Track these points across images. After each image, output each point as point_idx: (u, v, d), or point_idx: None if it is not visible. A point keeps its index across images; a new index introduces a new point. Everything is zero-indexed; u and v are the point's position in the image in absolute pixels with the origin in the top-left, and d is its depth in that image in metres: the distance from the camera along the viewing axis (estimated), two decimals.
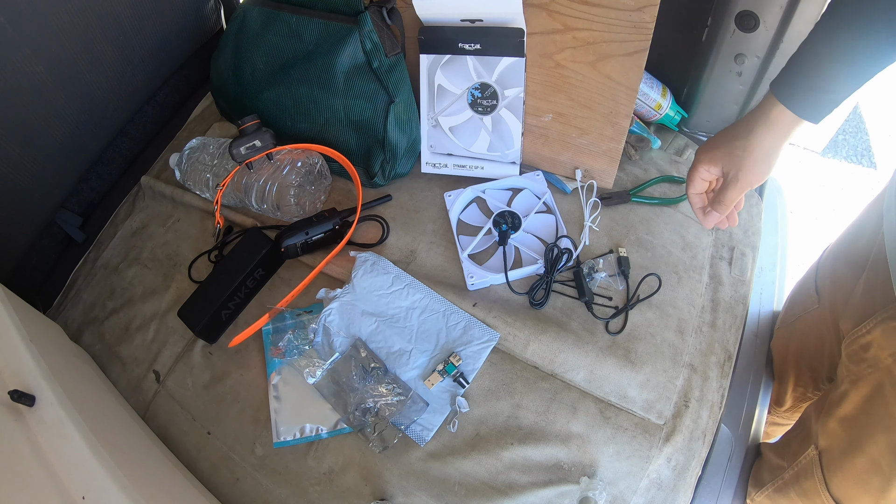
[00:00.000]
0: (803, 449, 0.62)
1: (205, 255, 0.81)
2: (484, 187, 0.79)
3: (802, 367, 0.73)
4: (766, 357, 0.75)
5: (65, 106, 0.83)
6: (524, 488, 0.61)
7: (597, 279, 0.72)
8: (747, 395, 0.70)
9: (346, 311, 0.70)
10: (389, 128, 0.76)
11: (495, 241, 0.74)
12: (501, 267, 0.71)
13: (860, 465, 0.53)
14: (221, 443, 0.68)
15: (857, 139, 1.88)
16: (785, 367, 0.76)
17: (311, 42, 0.76)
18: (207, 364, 0.73)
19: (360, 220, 0.79)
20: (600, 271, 0.72)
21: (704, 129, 0.91)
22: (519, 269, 0.71)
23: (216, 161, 0.82)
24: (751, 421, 0.69)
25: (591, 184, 0.79)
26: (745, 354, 0.72)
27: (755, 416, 0.69)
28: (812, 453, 0.60)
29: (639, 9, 0.62)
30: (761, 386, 0.71)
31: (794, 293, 0.77)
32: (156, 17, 0.92)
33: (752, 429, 0.69)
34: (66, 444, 0.49)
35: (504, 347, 0.68)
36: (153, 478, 0.57)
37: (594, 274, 0.72)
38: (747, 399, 0.69)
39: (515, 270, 0.71)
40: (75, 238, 0.92)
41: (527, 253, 0.73)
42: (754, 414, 0.69)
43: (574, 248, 0.72)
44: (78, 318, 0.83)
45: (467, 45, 0.72)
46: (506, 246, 0.72)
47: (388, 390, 0.65)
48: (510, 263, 0.72)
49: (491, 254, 0.75)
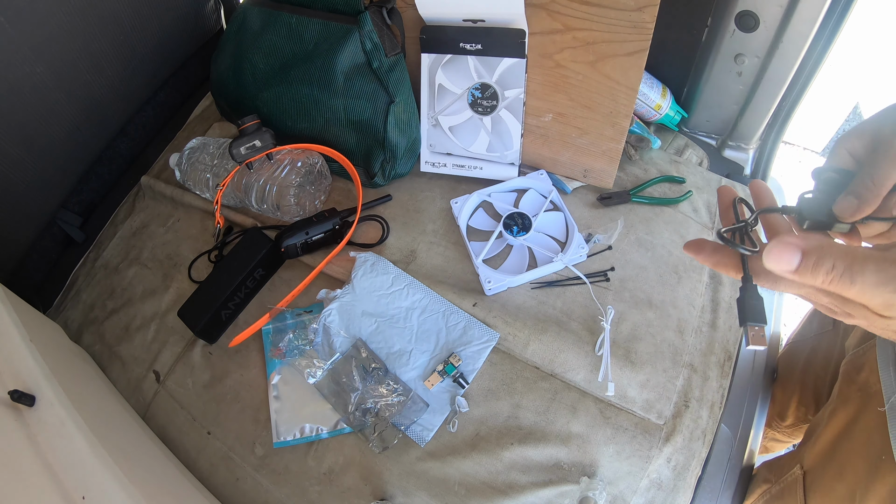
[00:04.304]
0: (790, 466, 0.61)
1: (205, 255, 0.81)
2: (489, 191, 0.79)
3: (807, 387, 0.73)
4: (767, 357, 0.75)
5: (65, 106, 0.83)
6: (524, 488, 0.61)
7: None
8: (747, 395, 0.70)
9: (346, 311, 0.70)
10: (389, 128, 0.76)
11: (508, 243, 0.74)
12: (517, 269, 0.72)
13: (839, 493, 0.52)
14: (221, 443, 0.68)
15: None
16: (791, 382, 0.75)
17: (311, 42, 0.76)
18: (207, 364, 0.73)
19: (360, 220, 0.79)
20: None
21: (704, 130, 0.91)
22: (535, 269, 0.71)
23: (216, 161, 0.82)
24: (751, 421, 0.69)
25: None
26: (746, 354, 0.72)
27: (755, 416, 0.69)
28: (797, 472, 0.60)
29: (639, 9, 0.62)
30: (761, 386, 0.71)
31: (812, 311, 0.77)
32: (156, 17, 0.92)
33: (752, 429, 0.68)
34: (66, 444, 0.49)
35: (504, 347, 0.68)
36: (153, 478, 0.57)
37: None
38: (747, 399, 0.69)
39: (532, 271, 0.71)
40: (75, 238, 0.92)
41: (540, 252, 0.73)
42: (754, 414, 0.69)
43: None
44: (78, 318, 0.83)
45: (468, 45, 0.72)
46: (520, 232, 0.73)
47: (388, 391, 0.65)
48: (525, 265, 0.72)
49: (504, 257, 0.75)
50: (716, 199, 0.80)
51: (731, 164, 0.90)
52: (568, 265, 0.72)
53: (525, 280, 0.72)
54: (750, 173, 0.90)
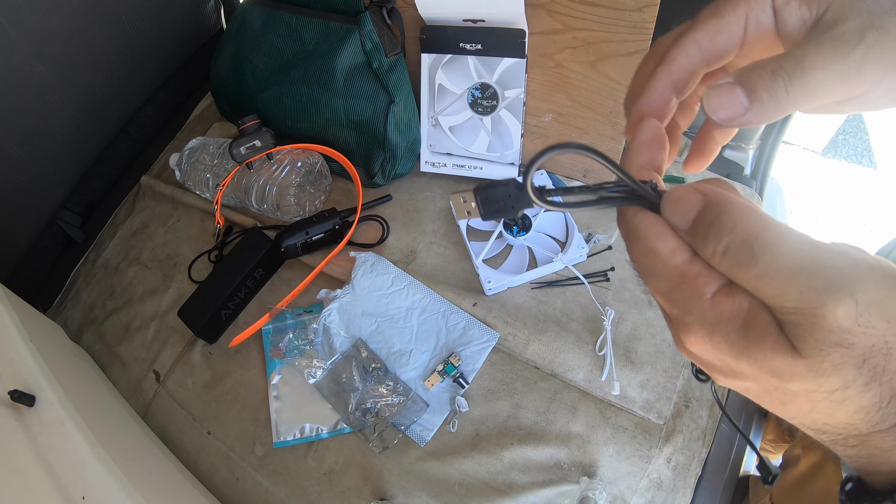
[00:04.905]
0: (762, 495, 0.61)
1: (205, 255, 0.81)
2: None
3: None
4: None
5: (65, 106, 0.83)
6: (524, 488, 0.61)
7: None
8: None
9: (346, 311, 0.70)
10: (389, 128, 0.76)
11: (508, 243, 0.74)
12: (517, 269, 0.71)
13: None
14: (221, 443, 0.68)
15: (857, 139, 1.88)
16: None
17: (311, 42, 0.76)
18: (207, 364, 0.73)
19: (360, 220, 0.79)
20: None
21: None
22: (535, 269, 0.71)
23: (216, 161, 0.82)
24: (751, 422, 0.69)
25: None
26: None
27: (755, 416, 0.69)
28: (766, 501, 0.59)
29: (639, 9, 0.62)
30: None
31: None
32: (156, 17, 0.92)
33: (752, 429, 0.68)
34: (66, 444, 0.49)
35: (504, 347, 0.68)
36: (153, 478, 0.57)
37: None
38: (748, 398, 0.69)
39: (532, 271, 0.71)
40: (75, 238, 0.92)
41: (540, 252, 0.73)
42: (754, 414, 0.69)
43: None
44: (78, 318, 0.83)
45: (469, 45, 0.72)
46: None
47: (388, 391, 0.65)
48: (525, 265, 0.72)
49: (504, 257, 0.75)
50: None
51: (731, 164, 0.90)
52: (568, 265, 0.72)
53: (525, 280, 0.72)
54: (750, 173, 0.89)
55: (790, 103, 0.21)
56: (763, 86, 0.21)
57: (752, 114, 0.22)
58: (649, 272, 0.21)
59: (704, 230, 0.20)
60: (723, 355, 0.20)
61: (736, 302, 0.19)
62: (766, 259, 0.18)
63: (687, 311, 0.20)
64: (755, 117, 0.22)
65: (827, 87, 0.21)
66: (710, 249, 0.19)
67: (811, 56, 0.21)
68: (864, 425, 0.19)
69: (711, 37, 0.25)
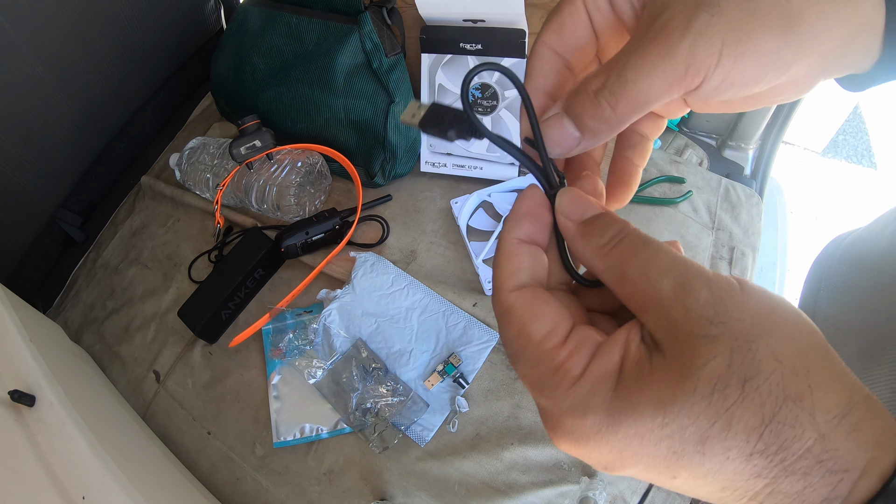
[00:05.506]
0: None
1: (205, 255, 0.81)
2: (489, 191, 0.79)
3: None
4: None
5: (65, 106, 0.83)
6: (524, 488, 0.61)
7: None
8: None
9: (346, 311, 0.70)
10: (389, 128, 0.76)
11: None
12: None
13: None
14: (221, 443, 0.68)
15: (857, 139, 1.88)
16: None
17: (311, 42, 0.76)
18: (207, 364, 0.73)
19: (360, 220, 0.79)
20: None
21: (704, 130, 0.91)
22: None
23: (216, 161, 0.82)
24: None
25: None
26: None
27: None
28: None
29: None
30: None
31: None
32: (156, 17, 0.92)
33: None
34: (66, 444, 0.49)
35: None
36: (153, 478, 0.57)
37: None
38: None
39: None
40: (75, 238, 0.92)
41: None
42: None
43: None
44: (78, 318, 0.83)
45: (468, 45, 0.72)
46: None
47: (388, 391, 0.65)
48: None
49: None
50: (716, 200, 0.80)
51: (731, 164, 0.90)
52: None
53: None
54: (750, 173, 0.90)
55: (622, 121, 0.20)
56: (587, 113, 0.21)
57: (586, 142, 0.21)
58: (519, 356, 0.20)
59: (602, 226, 0.20)
60: (599, 429, 0.18)
61: (606, 360, 0.18)
62: (655, 245, 0.19)
63: (556, 400, 0.19)
64: (591, 144, 0.21)
65: (659, 93, 0.19)
66: (604, 239, 0.20)
67: (632, 63, 0.19)
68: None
69: (557, 35, 0.24)
